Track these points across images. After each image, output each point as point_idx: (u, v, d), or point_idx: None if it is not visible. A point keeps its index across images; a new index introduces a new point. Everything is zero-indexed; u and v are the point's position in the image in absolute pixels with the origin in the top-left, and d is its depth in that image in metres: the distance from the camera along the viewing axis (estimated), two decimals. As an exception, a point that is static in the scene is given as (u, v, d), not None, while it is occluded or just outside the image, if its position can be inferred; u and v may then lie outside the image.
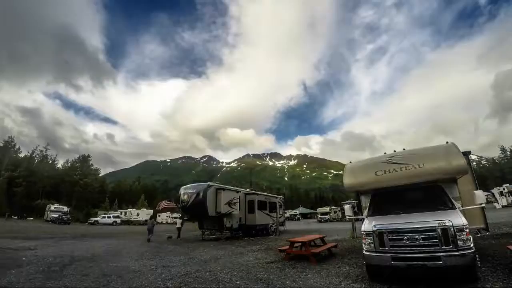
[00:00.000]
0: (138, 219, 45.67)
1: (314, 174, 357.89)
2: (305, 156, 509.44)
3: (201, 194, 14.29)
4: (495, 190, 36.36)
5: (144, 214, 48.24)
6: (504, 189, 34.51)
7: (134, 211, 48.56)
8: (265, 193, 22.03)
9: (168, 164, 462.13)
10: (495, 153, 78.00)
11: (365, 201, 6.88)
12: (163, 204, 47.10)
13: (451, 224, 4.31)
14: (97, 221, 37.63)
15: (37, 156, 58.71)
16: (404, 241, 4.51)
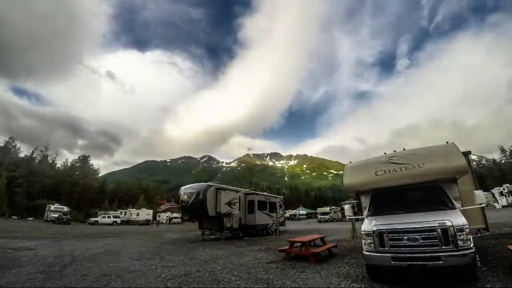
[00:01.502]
0: (138, 219, 45.65)
1: (314, 174, 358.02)
2: (305, 156, 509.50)
3: (201, 194, 14.26)
4: (495, 190, 36.41)
5: (144, 214, 48.26)
6: (504, 189, 34.54)
7: (134, 211, 48.50)
8: (265, 193, 22.00)
9: (168, 164, 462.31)
10: (495, 153, 78.14)
11: (365, 201, 6.87)
12: (165, 205, 47.26)
13: (451, 224, 4.31)
14: (97, 221, 37.67)
15: (37, 156, 58.87)
16: (404, 241, 4.50)
